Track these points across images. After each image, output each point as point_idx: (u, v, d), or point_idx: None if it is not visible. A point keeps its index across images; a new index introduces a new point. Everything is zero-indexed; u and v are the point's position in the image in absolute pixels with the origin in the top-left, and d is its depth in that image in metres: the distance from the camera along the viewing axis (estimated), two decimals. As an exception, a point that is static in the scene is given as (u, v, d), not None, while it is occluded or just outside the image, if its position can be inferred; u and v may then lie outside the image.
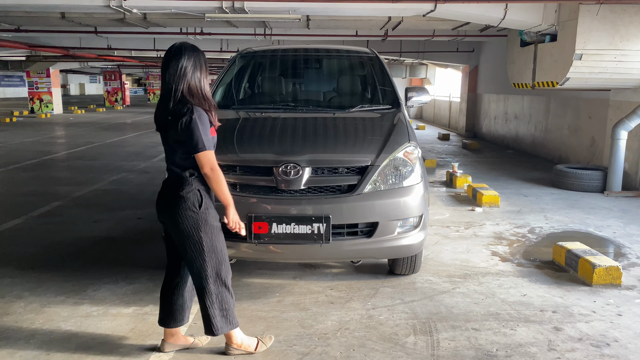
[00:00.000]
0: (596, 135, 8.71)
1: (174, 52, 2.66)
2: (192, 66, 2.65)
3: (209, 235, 2.69)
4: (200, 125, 2.56)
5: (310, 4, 6.99)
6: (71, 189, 7.28)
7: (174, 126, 2.59)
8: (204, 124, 2.59)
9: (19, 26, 11.17)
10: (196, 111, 2.58)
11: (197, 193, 2.66)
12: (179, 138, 2.61)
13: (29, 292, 3.75)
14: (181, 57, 2.63)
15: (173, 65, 2.63)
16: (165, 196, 2.74)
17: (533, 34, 7.82)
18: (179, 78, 2.62)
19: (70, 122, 19.59)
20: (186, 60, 2.63)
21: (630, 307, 3.59)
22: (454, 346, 3.03)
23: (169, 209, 2.69)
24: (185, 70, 2.62)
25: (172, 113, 2.60)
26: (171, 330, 2.96)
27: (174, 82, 2.62)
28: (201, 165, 2.60)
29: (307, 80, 5.42)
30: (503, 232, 5.38)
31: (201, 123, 2.57)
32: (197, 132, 2.55)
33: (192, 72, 2.64)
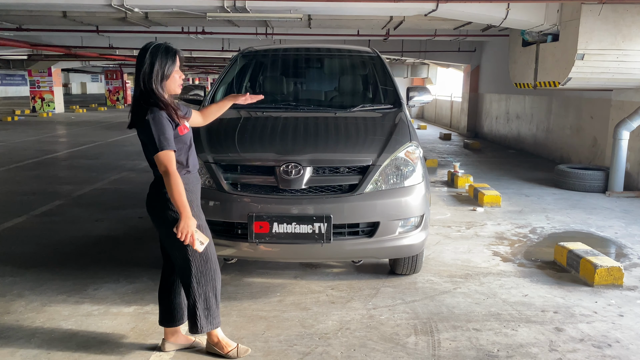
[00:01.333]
0: (598, 135, 8.70)
1: (140, 53, 2.67)
2: (148, 67, 2.61)
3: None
4: (154, 126, 2.54)
5: (312, 3, 6.98)
6: (72, 187, 7.29)
7: (137, 128, 2.64)
8: (159, 125, 2.55)
9: (20, 25, 11.17)
10: (150, 112, 2.57)
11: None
12: (142, 139, 2.65)
13: (29, 291, 3.75)
14: (139, 60, 2.64)
15: (136, 68, 2.66)
16: (148, 197, 2.79)
17: (535, 33, 7.81)
18: (137, 80, 2.65)
19: (72, 121, 19.61)
20: (143, 62, 2.62)
21: (632, 307, 3.58)
22: (455, 346, 3.03)
23: (151, 209, 2.76)
24: (140, 73, 2.62)
25: (134, 115, 2.64)
26: (171, 329, 2.96)
27: (135, 84, 2.67)
28: (158, 165, 2.58)
29: (309, 79, 5.41)
30: (504, 232, 5.37)
31: (155, 124, 2.55)
32: (151, 133, 2.54)
33: (146, 74, 2.62)
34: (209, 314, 2.82)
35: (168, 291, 2.93)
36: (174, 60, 2.67)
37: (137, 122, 2.61)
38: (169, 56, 2.65)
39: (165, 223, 2.69)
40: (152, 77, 2.61)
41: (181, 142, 2.68)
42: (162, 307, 2.95)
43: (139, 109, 2.61)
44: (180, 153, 2.69)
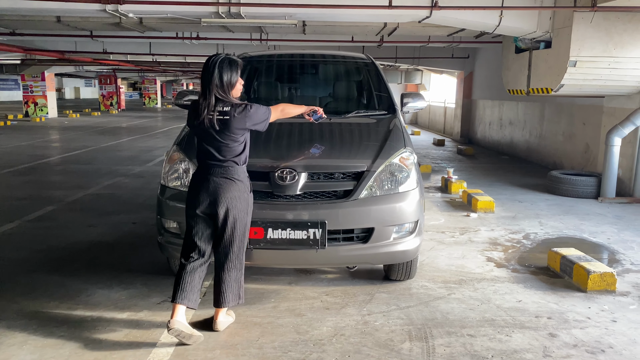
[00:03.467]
0: (590, 142, 8.76)
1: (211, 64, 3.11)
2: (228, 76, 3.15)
3: (249, 214, 3.18)
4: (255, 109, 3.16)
5: (307, 10, 7.00)
6: (65, 193, 7.25)
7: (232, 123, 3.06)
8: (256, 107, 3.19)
9: (14, 30, 11.14)
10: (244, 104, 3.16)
11: (248, 178, 3.17)
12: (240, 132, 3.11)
13: (22, 297, 3.72)
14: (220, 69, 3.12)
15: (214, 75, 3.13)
16: (215, 183, 3.06)
17: (528, 40, 7.87)
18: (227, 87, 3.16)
19: (65, 125, 19.53)
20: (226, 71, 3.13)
21: (624, 313, 3.60)
22: (450, 352, 3.03)
23: (226, 191, 3.05)
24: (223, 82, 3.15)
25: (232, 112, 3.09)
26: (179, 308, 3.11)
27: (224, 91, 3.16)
28: (275, 114, 3.29)
29: (303, 85, 5.42)
30: (498, 238, 5.39)
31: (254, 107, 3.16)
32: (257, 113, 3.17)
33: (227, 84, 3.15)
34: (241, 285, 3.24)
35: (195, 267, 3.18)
36: (238, 72, 3.15)
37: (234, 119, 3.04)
38: (234, 68, 3.13)
39: (239, 204, 3.08)
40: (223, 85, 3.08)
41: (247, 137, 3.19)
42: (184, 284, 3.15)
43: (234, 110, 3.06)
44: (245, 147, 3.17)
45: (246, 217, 3.15)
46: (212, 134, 3.05)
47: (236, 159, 3.09)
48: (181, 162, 3.62)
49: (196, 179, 3.15)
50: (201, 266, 3.17)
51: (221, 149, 3.07)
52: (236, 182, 3.08)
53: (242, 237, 3.16)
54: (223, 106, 3.05)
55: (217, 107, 3.03)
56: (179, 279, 3.12)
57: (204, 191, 3.08)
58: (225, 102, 3.07)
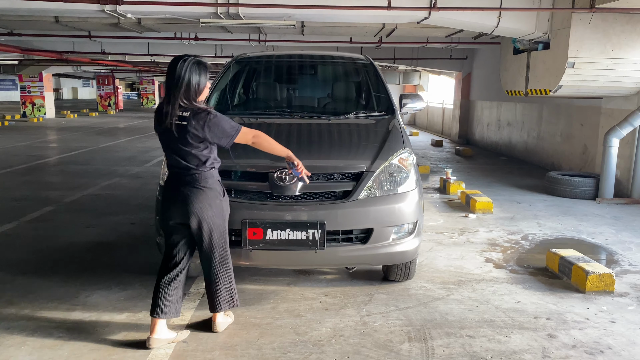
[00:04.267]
0: (588, 143, 8.78)
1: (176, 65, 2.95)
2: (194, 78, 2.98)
3: (225, 219, 3.08)
4: (222, 120, 2.96)
5: (305, 10, 7.01)
6: (63, 193, 7.24)
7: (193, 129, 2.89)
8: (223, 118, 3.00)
9: (11, 30, 11.13)
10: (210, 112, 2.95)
11: (219, 183, 3.04)
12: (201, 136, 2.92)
13: (20, 298, 3.71)
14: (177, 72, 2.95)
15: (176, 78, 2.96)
16: (183, 191, 2.96)
17: (526, 41, 7.89)
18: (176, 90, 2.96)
19: (63, 126, 19.50)
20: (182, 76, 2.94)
21: (623, 314, 3.61)
22: (449, 353, 3.03)
23: (195, 200, 2.94)
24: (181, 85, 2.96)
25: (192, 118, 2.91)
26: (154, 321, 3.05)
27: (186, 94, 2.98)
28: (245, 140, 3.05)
29: (302, 86, 5.42)
30: (497, 239, 5.39)
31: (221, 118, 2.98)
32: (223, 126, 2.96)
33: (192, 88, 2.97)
34: (232, 290, 3.18)
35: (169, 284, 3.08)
36: (206, 75, 2.98)
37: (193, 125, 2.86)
38: (202, 71, 2.96)
39: (210, 210, 2.98)
40: (190, 89, 2.91)
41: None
42: (160, 299, 3.06)
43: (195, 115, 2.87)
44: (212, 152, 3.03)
45: (223, 223, 3.07)
46: (175, 140, 2.91)
47: (203, 166, 2.96)
48: (180, 162, 3.61)
49: (166, 189, 3.07)
50: (177, 276, 3.08)
51: (185, 156, 2.93)
52: (204, 190, 2.95)
53: (222, 243, 3.08)
54: (183, 111, 2.86)
55: (178, 113, 2.86)
56: (155, 292, 3.07)
57: (173, 202, 3.01)
58: (187, 107, 2.88)
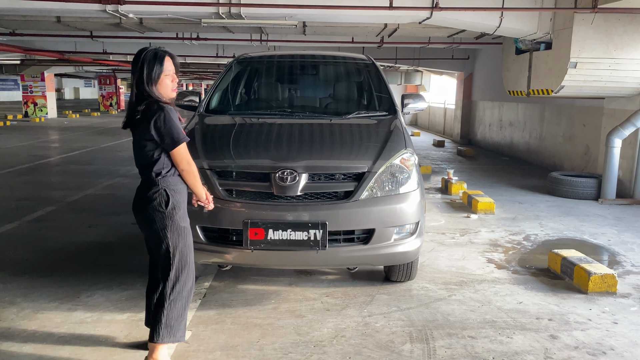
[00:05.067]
0: (590, 143, 8.76)
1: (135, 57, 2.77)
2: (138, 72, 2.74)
3: (175, 235, 2.74)
4: (170, 121, 2.66)
5: (307, 10, 7.00)
6: (65, 193, 7.24)
7: (144, 127, 2.67)
8: (174, 119, 2.69)
9: (13, 30, 11.13)
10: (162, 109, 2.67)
11: (163, 193, 2.72)
12: (148, 138, 2.68)
13: (21, 298, 3.71)
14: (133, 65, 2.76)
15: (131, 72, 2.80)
16: (135, 199, 2.83)
17: (528, 41, 7.87)
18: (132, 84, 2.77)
19: (65, 126, 19.52)
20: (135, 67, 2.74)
21: (625, 315, 3.59)
22: (451, 354, 3.02)
23: (140, 211, 2.79)
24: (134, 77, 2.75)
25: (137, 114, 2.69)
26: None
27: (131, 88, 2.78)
28: (180, 158, 2.71)
29: (304, 86, 5.42)
30: (498, 239, 5.38)
31: (170, 118, 2.67)
32: (169, 127, 2.66)
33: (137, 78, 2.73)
34: (173, 324, 2.74)
35: (152, 292, 2.93)
36: (161, 64, 2.73)
37: (143, 120, 2.66)
38: (157, 61, 2.73)
39: (154, 224, 2.75)
40: (143, 80, 2.71)
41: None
42: (148, 309, 2.95)
43: (147, 110, 2.66)
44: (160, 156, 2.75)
45: (177, 239, 2.73)
46: (134, 137, 2.78)
47: (150, 170, 2.72)
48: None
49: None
50: (156, 289, 2.88)
51: (136, 155, 2.80)
52: (149, 201, 2.71)
53: (179, 263, 2.74)
54: (140, 105, 2.70)
55: (135, 106, 2.71)
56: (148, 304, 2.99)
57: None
58: (143, 100, 2.71)
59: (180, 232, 2.75)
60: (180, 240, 2.75)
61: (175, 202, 2.74)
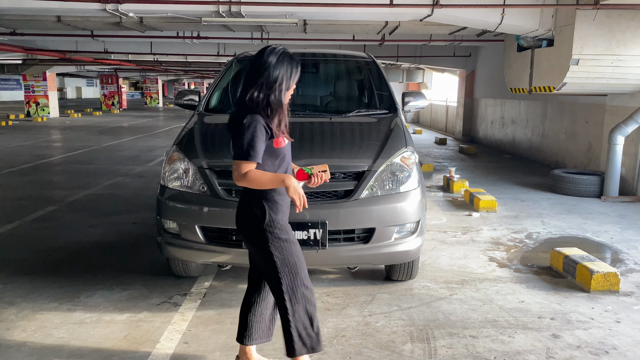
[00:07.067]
0: (593, 140, 8.72)
1: (260, 55, 2.48)
2: (271, 73, 2.44)
3: (278, 249, 2.50)
4: (249, 134, 2.37)
5: (308, 8, 6.98)
6: (66, 193, 7.24)
7: (230, 132, 2.48)
8: (255, 134, 2.38)
9: (14, 29, 11.14)
10: (255, 118, 2.40)
11: (261, 205, 2.49)
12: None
13: (21, 299, 3.70)
14: (263, 61, 2.45)
15: (253, 68, 2.47)
16: (237, 212, 2.60)
17: (530, 38, 7.83)
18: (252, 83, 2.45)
19: (67, 125, 19.54)
20: (268, 65, 2.44)
21: (628, 313, 3.57)
22: (452, 354, 3.00)
23: (238, 223, 2.60)
24: (260, 76, 2.45)
25: (231, 118, 2.50)
26: (244, 348, 2.79)
27: (247, 86, 2.46)
28: (233, 169, 2.42)
29: (304, 84, 5.37)
30: (500, 238, 5.35)
31: (253, 132, 2.38)
32: (244, 139, 2.37)
33: (273, 79, 2.45)
34: (304, 334, 2.57)
35: (247, 308, 2.76)
36: (297, 74, 2.54)
37: (234, 126, 2.45)
38: (295, 70, 2.52)
39: (254, 238, 2.54)
40: (276, 85, 2.45)
41: (273, 155, 2.49)
42: (240, 323, 2.78)
43: (239, 115, 2.44)
44: (273, 165, 2.50)
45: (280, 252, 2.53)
46: None
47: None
48: (181, 162, 3.60)
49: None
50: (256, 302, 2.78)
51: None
52: (247, 215, 2.56)
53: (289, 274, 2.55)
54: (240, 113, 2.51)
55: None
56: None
57: None
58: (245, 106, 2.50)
59: (283, 244, 2.52)
60: (284, 252, 2.52)
61: (273, 215, 2.50)
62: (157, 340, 3.13)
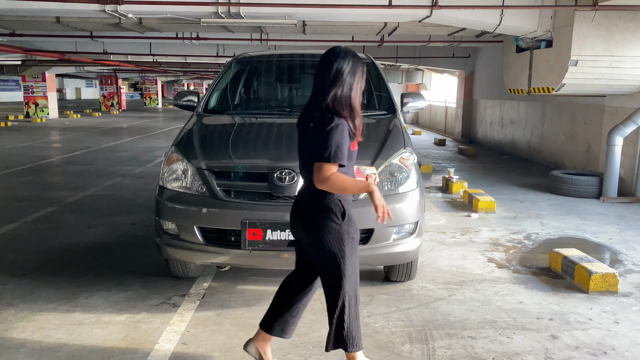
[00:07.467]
0: (592, 141, 8.73)
1: (332, 55, 2.48)
2: (349, 73, 2.44)
3: (350, 249, 2.51)
4: (335, 137, 2.34)
5: (307, 9, 6.98)
6: (65, 194, 7.23)
7: (315, 135, 2.41)
8: (342, 136, 2.37)
9: (13, 30, 11.14)
10: (339, 121, 2.38)
11: (338, 203, 2.47)
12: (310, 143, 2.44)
13: (20, 300, 3.70)
14: (339, 62, 2.44)
15: (327, 69, 2.45)
16: (301, 207, 2.57)
17: (529, 39, 7.84)
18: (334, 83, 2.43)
19: (66, 126, 19.53)
20: (344, 65, 2.44)
21: (627, 314, 3.57)
22: (450, 355, 3.00)
23: (307, 220, 2.54)
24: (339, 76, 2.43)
25: (315, 120, 2.44)
26: (265, 336, 2.81)
27: (326, 87, 2.44)
28: (314, 174, 2.36)
29: (303, 85, 5.39)
30: (499, 238, 5.36)
31: (339, 135, 2.35)
32: (330, 142, 2.33)
33: (348, 79, 2.44)
34: (355, 335, 2.59)
35: (291, 302, 2.76)
36: (363, 74, 2.53)
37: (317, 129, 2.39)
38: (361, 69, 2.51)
39: (324, 234, 2.48)
40: (356, 86, 2.47)
41: (350, 158, 2.48)
42: (271, 313, 2.79)
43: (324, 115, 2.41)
44: (348, 168, 2.47)
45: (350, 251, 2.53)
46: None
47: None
48: (179, 163, 3.60)
49: None
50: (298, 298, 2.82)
51: (303, 158, 2.63)
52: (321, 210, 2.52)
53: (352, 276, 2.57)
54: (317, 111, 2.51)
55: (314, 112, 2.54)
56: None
57: None
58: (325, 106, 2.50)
59: (354, 244, 2.53)
60: (353, 252, 2.53)
61: (350, 214, 2.51)
62: (156, 341, 3.13)
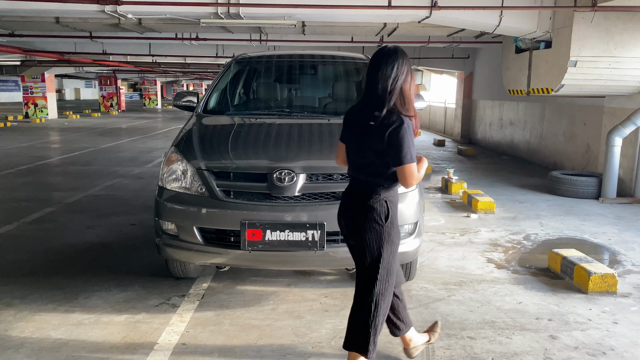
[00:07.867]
0: (591, 142, 8.73)
1: (386, 54, 2.50)
2: (406, 72, 2.48)
3: (388, 252, 2.52)
4: (408, 137, 2.39)
5: (306, 10, 6.98)
6: (65, 194, 7.23)
7: (377, 135, 2.42)
8: (412, 136, 2.41)
9: (13, 31, 11.14)
10: (406, 121, 2.40)
11: (384, 204, 2.50)
12: (379, 148, 2.43)
13: (19, 300, 3.70)
14: (396, 60, 2.48)
15: (385, 68, 2.47)
16: (349, 205, 2.60)
17: (528, 40, 7.85)
18: (393, 82, 2.45)
19: (65, 127, 19.52)
20: (400, 64, 2.48)
21: (626, 315, 3.58)
22: (450, 355, 3.01)
23: (353, 218, 2.56)
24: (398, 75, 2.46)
25: (378, 120, 2.43)
26: (403, 338, 2.91)
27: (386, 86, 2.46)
28: (403, 177, 2.41)
29: (302, 86, 5.40)
30: (498, 239, 5.36)
31: (410, 134, 2.40)
32: (405, 144, 2.37)
33: (404, 77, 2.48)
34: (376, 339, 2.58)
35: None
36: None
37: (382, 130, 2.40)
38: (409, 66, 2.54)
39: (367, 234, 2.51)
40: (412, 82, 2.50)
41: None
42: (393, 320, 2.85)
43: (389, 116, 2.42)
44: None
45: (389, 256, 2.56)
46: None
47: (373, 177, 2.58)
48: (179, 163, 3.60)
49: None
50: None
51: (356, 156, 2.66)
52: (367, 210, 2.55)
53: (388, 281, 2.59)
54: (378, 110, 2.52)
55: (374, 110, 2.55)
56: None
57: None
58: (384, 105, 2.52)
59: (394, 248, 2.55)
60: (390, 256, 2.53)
61: (394, 216, 2.52)
62: (155, 341, 3.13)
